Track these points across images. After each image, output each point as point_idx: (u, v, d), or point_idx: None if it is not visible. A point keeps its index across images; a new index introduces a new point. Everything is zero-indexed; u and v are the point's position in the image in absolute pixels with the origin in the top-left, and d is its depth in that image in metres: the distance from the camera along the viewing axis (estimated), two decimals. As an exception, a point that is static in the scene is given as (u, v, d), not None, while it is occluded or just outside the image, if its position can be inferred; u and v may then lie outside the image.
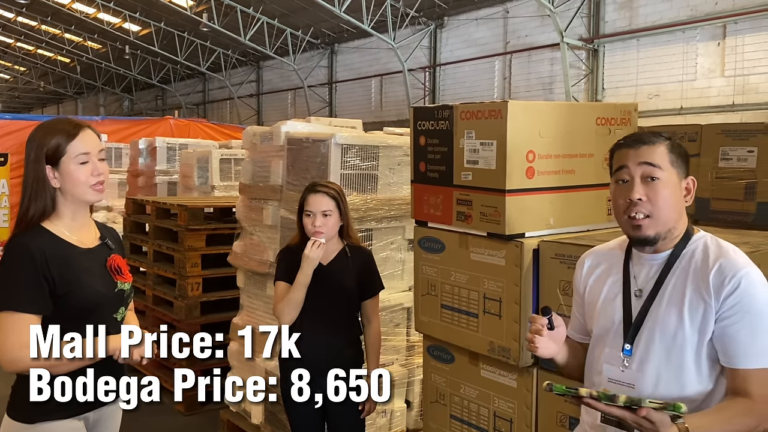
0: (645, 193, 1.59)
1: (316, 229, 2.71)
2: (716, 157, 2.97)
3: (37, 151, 1.91)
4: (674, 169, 1.62)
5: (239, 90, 24.28)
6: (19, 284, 1.82)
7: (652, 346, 1.60)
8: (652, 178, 1.59)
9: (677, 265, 1.61)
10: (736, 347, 1.52)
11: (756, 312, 1.51)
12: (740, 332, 1.51)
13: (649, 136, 1.65)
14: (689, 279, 1.59)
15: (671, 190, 1.60)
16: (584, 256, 1.85)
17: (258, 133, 3.95)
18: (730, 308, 1.52)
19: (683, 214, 1.65)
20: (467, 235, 2.52)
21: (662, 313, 1.60)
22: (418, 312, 2.81)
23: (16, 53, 28.91)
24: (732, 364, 1.53)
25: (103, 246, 2.05)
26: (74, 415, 1.94)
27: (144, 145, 8.48)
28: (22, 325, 1.80)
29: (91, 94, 33.17)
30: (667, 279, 1.61)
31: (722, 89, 11.34)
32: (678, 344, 1.57)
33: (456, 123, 2.49)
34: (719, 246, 1.61)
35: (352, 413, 2.79)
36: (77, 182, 1.93)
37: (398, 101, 17.83)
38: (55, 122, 1.99)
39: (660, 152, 1.61)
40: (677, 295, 1.59)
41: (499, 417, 2.49)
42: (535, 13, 14.03)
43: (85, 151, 1.93)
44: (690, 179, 1.65)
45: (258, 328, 2.41)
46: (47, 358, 1.82)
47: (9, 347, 1.79)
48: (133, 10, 20.54)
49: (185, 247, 4.69)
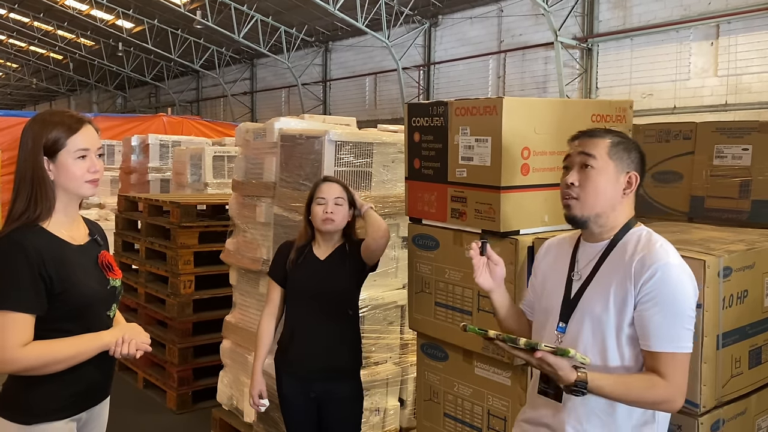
0: (578, 179, 1.78)
1: (327, 216, 2.67)
2: (711, 155, 2.96)
3: (35, 143, 1.86)
4: (612, 161, 1.77)
5: (233, 88, 24.21)
6: (14, 283, 1.78)
7: (582, 326, 1.76)
8: (586, 165, 1.77)
9: (613, 254, 1.77)
10: (649, 331, 1.67)
11: (668, 302, 1.65)
12: (653, 318, 1.66)
13: (597, 131, 1.82)
14: (617, 266, 1.74)
15: (604, 180, 1.76)
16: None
17: (251, 130, 3.92)
18: (646, 295, 1.67)
19: (622, 205, 1.79)
20: (462, 232, 2.50)
21: (592, 296, 1.76)
22: (411, 310, 2.79)
23: (9, 50, 28.72)
24: (645, 346, 1.69)
25: (93, 242, 2.02)
26: (69, 416, 1.92)
27: (137, 142, 8.43)
28: (17, 325, 1.77)
29: (84, 91, 33.00)
30: (602, 266, 1.77)
31: (715, 89, 11.38)
32: (602, 325, 1.73)
33: (451, 119, 2.47)
34: (649, 239, 1.75)
35: (346, 411, 2.78)
36: (73, 177, 1.88)
37: (392, 99, 17.82)
38: (55, 114, 1.93)
39: (600, 145, 1.78)
40: (606, 280, 1.75)
41: (493, 415, 2.48)
42: (529, 12, 14.05)
43: (84, 147, 1.89)
44: (631, 174, 1.79)
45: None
46: (42, 358, 1.80)
47: (3, 347, 1.76)
48: (127, 6, 20.45)
49: (178, 245, 4.66)
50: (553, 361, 1.58)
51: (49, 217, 1.88)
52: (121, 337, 1.91)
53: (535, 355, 1.58)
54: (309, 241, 2.80)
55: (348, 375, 2.78)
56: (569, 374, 1.60)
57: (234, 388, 3.97)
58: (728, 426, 2.02)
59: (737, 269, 2.01)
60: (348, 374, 2.78)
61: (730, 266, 1.98)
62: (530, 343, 1.58)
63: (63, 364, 1.84)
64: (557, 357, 1.57)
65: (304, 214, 2.79)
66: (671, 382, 1.64)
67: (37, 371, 1.82)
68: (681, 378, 1.66)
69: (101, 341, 1.90)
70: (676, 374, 1.65)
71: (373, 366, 3.55)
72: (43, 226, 1.87)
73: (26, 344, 1.78)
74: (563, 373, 1.60)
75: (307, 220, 2.76)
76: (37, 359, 1.79)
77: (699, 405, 1.92)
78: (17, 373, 1.84)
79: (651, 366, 1.68)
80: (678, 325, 1.66)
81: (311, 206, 2.73)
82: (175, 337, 4.69)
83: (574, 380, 1.60)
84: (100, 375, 1.99)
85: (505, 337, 1.63)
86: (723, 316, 1.97)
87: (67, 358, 1.83)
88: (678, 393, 1.66)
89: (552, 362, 1.58)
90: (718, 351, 1.97)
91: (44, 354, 1.80)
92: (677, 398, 1.66)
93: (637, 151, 1.82)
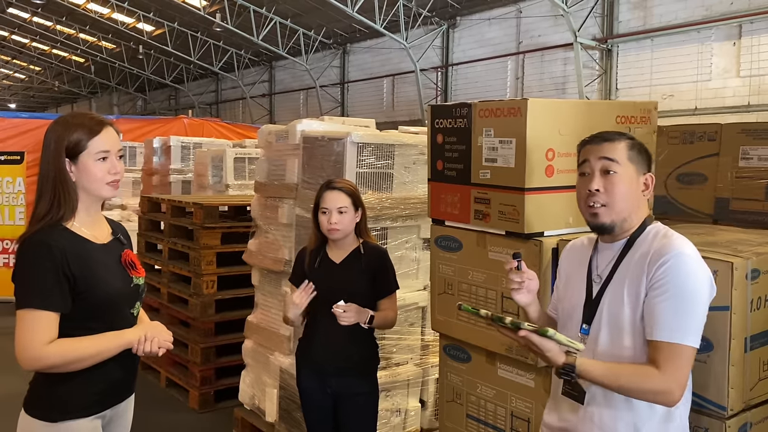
0: (602, 185, 1.76)
1: (331, 227, 2.71)
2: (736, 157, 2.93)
3: (58, 145, 1.90)
4: (632, 164, 1.77)
5: (252, 90, 24.37)
6: (39, 282, 1.81)
7: (604, 327, 1.76)
8: (609, 171, 1.75)
9: (630, 252, 1.77)
10: (654, 319, 1.64)
11: (676, 291, 1.63)
12: (659, 305, 1.64)
13: (611, 134, 1.81)
14: (634, 263, 1.73)
15: (627, 183, 1.76)
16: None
17: (273, 132, 3.95)
18: (657, 281, 1.65)
19: (641, 206, 1.80)
20: (485, 233, 2.51)
21: (611, 296, 1.76)
22: (434, 311, 2.80)
23: (32, 53, 29.18)
24: (648, 334, 1.66)
25: (116, 241, 2.05)
26: (94, 413, 1.95)
27: (158, 144, 8.51)
28: (42, 323, 1.80)
29: (105, 94, 33.42)
30: (620, 265, 1.77)
31: (737, 89, 11.24)
32: (621, 323, 1.72)
33: (474, 121, 2.48)
34: (666, 234, 1.75)
35: (362, 407, 2.80)
36: (94, 178, 1.92)
37: (410, 101, 17.82)
38: (77, 116, 1.97)
39: (619, 149, 1.77)
40: (622, 278, 1.75)
41: (517, 417, 2.48)
42: (548, 13, 13.98)
43: (105, 149, 1.93)
44: (648, 175, 1.80)
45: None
46: (66, 355, 1.83)
47: (29, 345, 1.79)
48: (147, 10, 20.68)
49: (201, 245, 4.71)
50: (538, 341, 1.59)
51: (72, 217, 1.92)
52: (143, 335, 1.94)
53: (519, 333, 1.60)
54: (322, 244, 2.82)
55: (364, 372, 2.82)
56: (557, 356, 1.61)
57: (256, 387, 4.00)
58: (756, 429, 2.01)
59: (765, 271, 1.99)
60: (364, 371, 2.82)
61: (758, 268, 1.96)
62: (515, 322, 1.61)
63: (87, 361, 1.86)
64: (543, 338, 1.58)
65: (312, 219, 2.82)
66: (667, 374, 1.60)
67: (62, 368, 1.84)
68: (679, 371, 1.61)
69: (124, 339, 1.92)
70: (674, 366, 1.60)
71: (394, 367, 3.57)
72: (67, 225, 1.91)
73: (51, 342, 1.81)
74: (551, 355, 1.61)
75: (316, 225, 2.79)
76: (61, 357, 1.82)
77: (726, 408, 1.91)
78: (43, 370, 1.87)
79: (651, 357, 1.65)
80: (684, 316, 1.62)
81: (317, 213, 2.75)
82: (197, 336, 4.73)
83: (562, 363, 1.62)
84: (124, 372, 2.02)
85: (494, 316, 1.66)
86: (751, 319, 1.95)
87: (90, 356, 1.86)
88: (675, 385, 1.61)
89: (537, 342, 1.59)
90: (746, 354, 1.95)
91: (69, 351, 1.83)
92: (674, 391, 1.61)
93: (646, 152, 1.83)
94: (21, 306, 1.82)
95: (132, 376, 2.09)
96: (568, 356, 1.62)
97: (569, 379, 1.66)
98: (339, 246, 2.80)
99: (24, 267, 1.84)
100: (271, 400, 3.77)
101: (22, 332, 1.80)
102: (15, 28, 25.78)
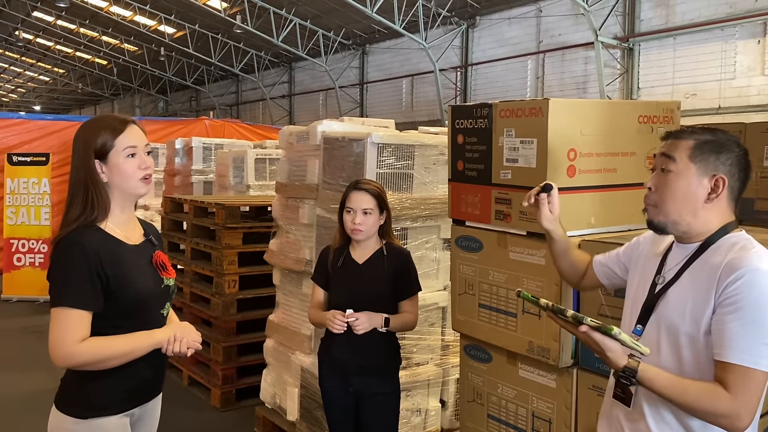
0: (655, 183, 1.67)
1: (354, 227, 2.73)
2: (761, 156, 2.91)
3: (86, 148, 1.94)
4: (694, 164, 1.62)
5: (272, 91, 24.52)
6: (73, 281, 1.85)
7: (658, 332, 1.65)
8: (664, 169, 1.66)
9: (701, 258, 1.63)
10: (723, 339, 1.51)
11: (750, 310, 1.49)
12: (730, 324, 1.51)
13: (683, 131, 1.68)
14: (703, 271, 1.60)
15: (682, 184, 1.63)
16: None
17: (294, 133, 3.98)
18: (727, 299, 1.52)
19: (706, 211, 1.63)
20: (506, 234, 2.51)
21: (671, 301, 1.64)
22: (455, 311, 2.80)
23: (56, 56, 29.62)
24: (717, 355, 1.53)
25: (147, 242, 2.09)
26: (123, 411, 1.98)
27: (180, 145, 8.61)
28: (75, 321, 1.84)
29: (127, 96, 33.84)
30: (688, 269, 1.64)
31: (762, 88, 11.08)
32: (677, 332, 1.60)
33: (495, 121, 2.48)
34: (744, 246, 1.58)
35: (383, 407, 2.81)
36: (126, 175, 1.95)
37: (429, 101, 17.81)
38: (100, 119, 2.01)
39: (682, 146, 1.64)
40: (688, 285, 1.62)
41: (538, 417, 2.47)
42: (568, 12, 13.89)
43: (132, 144, 1.96)
44: (719, 177, 1.62)
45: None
46: (98, 353, 1.86)
47: (62, 343, 1.83)
48: (169, 12, 20.89)
49: (222, 245, 4.76)
50: (600, 339, 1.50)
51: (106, 218, 1.95)
52: (173, 335, 1.96)
53: (579, 329, 1.51)
54: (346, 243, 2.84)
55: (385, 372, 2.83)
56: (619, 358, 1.51)
57: (277, 386, 4.03)
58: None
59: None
60: (385, 371, 2.83)
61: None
62: (577, 316, 1.52)
63: (117, 360, 1.89)
64: (606, 336, 1.49)
65: (338, 218, 2.84)
66: (737, 398, 1.48)
67: (93, 366, 1.88)
68: (750, 397, 1.48)
69: (154, 339, 1.95)
70: (744, 391, 1.48)
71: (415, 367, 3.57)
72: (100, 226, 1.94)
73: (84, 340, 1.84)
74: (612, 355, 1.51)
75: (341, 224, 2.81)
76: (93, 355, 1.85)
77: None
78: (74, 367, 1.90)
79: (719, 377, 1.51)
80: (758, 338, 1.49)
81: (343, 212, 2.78)
82: (219, 336, 4.78)
83: (623, 366, 1.52)
84: (153, 372, 2.05)
85: (555, 307, 1.57)
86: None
87: (121, 355, 1.89)
88: (744, 411, 1.48)
89: (599, 340, 1.50)
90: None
91: (100, 350, 1.86)
92: (743, 417, 1.48)
93: (730, 151, 1.63)
94: (55, 304, 1.85)
95: (161, 376, 2.12)
96: (630, 359, 1.52)
97: (627, 384, 1.54)
98: (362, 246, 2.82)
99: (58, 266, 1.88)
100: (292, 399, 3.80)
101: (56, 330, 1.83)
102: (40, 32, 26.20)
